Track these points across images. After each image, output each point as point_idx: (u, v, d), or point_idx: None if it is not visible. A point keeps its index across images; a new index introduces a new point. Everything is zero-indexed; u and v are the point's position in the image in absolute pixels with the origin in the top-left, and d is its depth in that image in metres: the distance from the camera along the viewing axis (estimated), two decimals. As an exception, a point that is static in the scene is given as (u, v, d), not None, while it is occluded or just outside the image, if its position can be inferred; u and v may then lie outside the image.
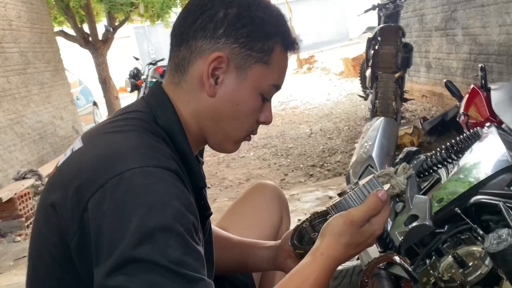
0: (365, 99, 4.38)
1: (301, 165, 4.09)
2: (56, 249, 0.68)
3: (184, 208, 0.65)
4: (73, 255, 0.66)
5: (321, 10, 20.61)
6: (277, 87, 0.82)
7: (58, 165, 0.77)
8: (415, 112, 4.95)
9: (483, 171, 1.08)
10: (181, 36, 0.79)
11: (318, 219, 1.05)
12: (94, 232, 0.62)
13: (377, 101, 3.66)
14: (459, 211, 0.93)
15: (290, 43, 0.82)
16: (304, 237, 1.00)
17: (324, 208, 1.04)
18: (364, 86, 4.39)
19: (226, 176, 4.20)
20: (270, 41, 0.78)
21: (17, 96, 4.75)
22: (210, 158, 4.94)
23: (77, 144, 0.77)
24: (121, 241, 0.60)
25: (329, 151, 4.35)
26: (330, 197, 3.02)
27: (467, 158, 1.20)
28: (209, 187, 3.94)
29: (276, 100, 8.38)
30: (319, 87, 9.16)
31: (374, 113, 3.74)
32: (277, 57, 0.79)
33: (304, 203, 3.02)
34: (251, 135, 0.86)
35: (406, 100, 4.33)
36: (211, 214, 0.89)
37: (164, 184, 0.65)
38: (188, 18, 0.78)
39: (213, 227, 1.03)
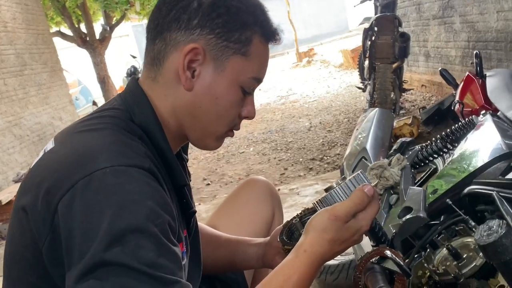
0: (364, 90, 4.35)
1: (301, 159, 4.06)
2: (28, 253, 0.66)
3: (158, 207, 0.63)
4: (45, 259, 0.64)
5: (320, 3, 20.49)
6: (257, 80, 0.79)
7: (31, 167, 0.75)
8: (415, 102, 4.91)
9: (477, 160, 1.06)
10: (155, 29, 0.76)
11: (308, 215, 1.03)
12: (64, 235, 0.60)
13: (375, 92, 3.62)
14: (450, 203, 0.90)
15: (270, 33, 0.79)
16: (294, 234, 0.98)
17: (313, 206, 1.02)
18: (362, 78, 4.35)
19: (226, 172, 4.19)
20: (248, 31, 0.75)
21: (15, 98, 4.74)
22: (210, 155, 4.93)
23: (50, 145, 0.74)
24: (92, 243, 0.58)
25: (328, 144, 4.32)
26: (330, 191, 2.99)
27: (462, 148, 1.17)
28: (209, 184, 3.93)
29: (276, 94, 8.36)
30: (318, 80, 9.12)
31: (372, 104, 3.71)
32: (256, 48, 0.76)
33: (303, 197, 3.00)
34: (234, 131, 0.83)
35: (405, 90, 4.29)
36: (195, 212, 0.86)
37: (136, 183, 0.62)
38: (162, 9, 0.75)
39: (201, 225, 1.01)
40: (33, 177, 0.70)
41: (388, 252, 0.89)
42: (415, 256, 1.03)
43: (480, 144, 1.14)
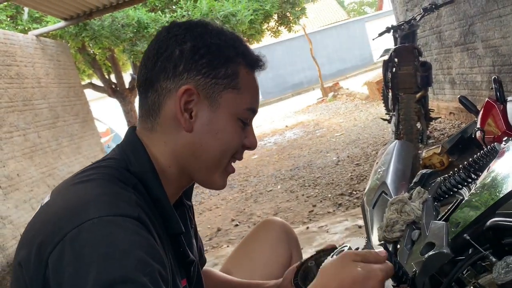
0: (389, 122, 4.28)
1: (329, 195, 3.99)
2: None
3: (147, 256, 0.62)
4: None
5: (342, 37, 20.73)
6: (252, 110, 0.81)
7: (30, 222, 0.76)
8: (444, 131, 4.79)
9: (500, 190, 1.00)
10: (145, 83, 0.78)
11: (324, 256, 1.01)
12: None
13: (400, 123, 3.56)
14: (468, 238, 0.85)
15: (253, 61, 0.81)
16: (308, 276, 0.94)
17: (330, 246, 0.99)
18: (387, 109, 4.30)
19: (254, 212, 4.15)
20: (232, 65, 0.77)
21: (48, 149, 4.92)
22: (238, 195, 4.92)
23: (46, 198, 0.76)
24: None
25: (357, 178, 4.24)
26: (360, 227, 2.91)
27: (484, 177, 1.12)
28: (237, 225, 3.89)
29: (302, 130, 8.36)
30: (345, 113, 9.08)
31: (398, 136, 3.64)
32: (244, 80, 0.78)
33: (332, 235, 2.93)
34: (236, 160, 0.84)
35: (432, 119, 4.21)
36: (193, 260, 0.84)
37: (124, 233, 0.62)
38: (148, 64, 0.78)
39: (212, 271, 0.99)
40: (28, 232, 0.71)
41: (408, 294, 0.84)
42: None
43: (503, 172, 1.09)
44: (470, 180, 1.32)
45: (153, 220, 0.70)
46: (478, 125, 1.55)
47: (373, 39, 4.42)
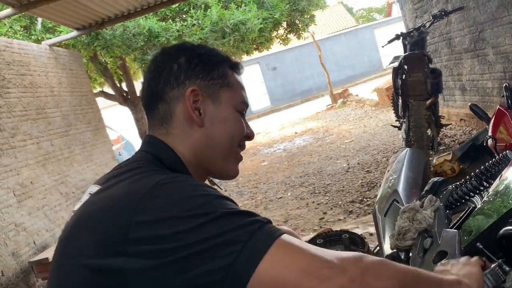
0: (399, 128, 4.27)
1: (340, 202, 3.99)
2: None
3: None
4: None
5: (351, 44, 20.73)
6: (245, 103, 0.94)
7: (75, 212, 0.79)
8: (455, 137, 4.76)
9: (512, 199, 1.01)
10: (153, 99, 0.89)
11: (333, 237, 1.04)
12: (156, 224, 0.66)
13: (411, 130, 3.55)
14: (481, 247, 0.86)
15: (235, 65, 0.95)
16: None
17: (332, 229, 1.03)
18: (397, 116, 4.29)
19: (264, 219, 4.15)
20: (221, 67, 0.91)
21: (61, 157, 4.98)
22: (248, 202, 4.93)
23: (94, 188, 0.81)
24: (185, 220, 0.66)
25: (367, 185, 4.23)
26: (371, 234, 2.91)
27: (496, 185, 1.12)
28: (248, 232, 3.89)
29: (312, 137, 8.36)
30: (354, 120, 9.06)
31: (408, 142, 3.63)
32: (232, 79, 0.92)
33: (343, 242, 2.92)
34: (241, 151, 0.96)
35: (442, 126, 4.19)
36: None
37: (192, 179, 0.77)
38: (151, 83, 0.90)
39: None
40: (80, 223, 0.74)
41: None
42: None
43: (515, 180, 1.09)
44: (482, 188, 1.32)
45: None
46: (490, 133, 1.55)
47: (382, 47, 4.42)
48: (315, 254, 0.65)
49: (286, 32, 9.24)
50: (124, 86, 8.94)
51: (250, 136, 0.96)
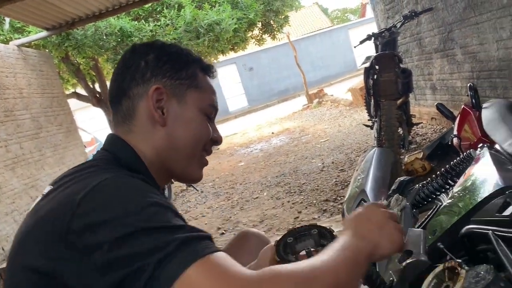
0: (372, 128, 4.33)
1: (315, 201, 4.01)
2: None
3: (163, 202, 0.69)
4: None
5: (326, 44, 20.92)
6: (214, 107, 0.92)
7: (29, 214, 0.77)
8: (426, 136, 4.86)
9: (475, 197, 1.03)
10: (118, 95, 0.87)
11: (302, 233, 1.05)
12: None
13: (382, 129, 3.61)
14: (442, 246, 0.87)
15: (207, 67, 0.93)
16: (287, 251, 0.96)
17: (304, 225, 1.04)
18: (369, 115, 4.35)
19: (240, 220, 4.14)
20: (191, 68, 0.89)
21: (31, 160, 4.85)
22: (224, 203, 4.91)
23: (47, 189, 0.79)
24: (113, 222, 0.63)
25: (341, 184, 4.27)
26: (344, 233, 2.93)
27: (460, 184, 1.14)
28: (223, 233, 3.88)
29: (288, 137, 8.39)
30: (329, 119, 9.15)
31: (380, 141, 3.68)
32: (202, 81, 0.90)
33: (317, 241, 2.94)
34: (207, 155, 0.93)
35: (413, 124, 4.26)
36: None
37: (141, 183, 0.72)
38: (117, 79, 0.88)
39: None
40: (29, 223, 0.72)
41: (384, 302, 0.85)
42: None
43: (478, 179, 1.12)
44: (447, 186, 1.35)
45: None
46: (455, 132, 1.58)
47: (355, 47, 4.48)
48: (240, 277, 0.61)
49: (261, 32, 9.25)
50: (97, 87, 8.77)
51: (217, 140, 0.94)
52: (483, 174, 1.11)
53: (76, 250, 0.63)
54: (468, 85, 1.54)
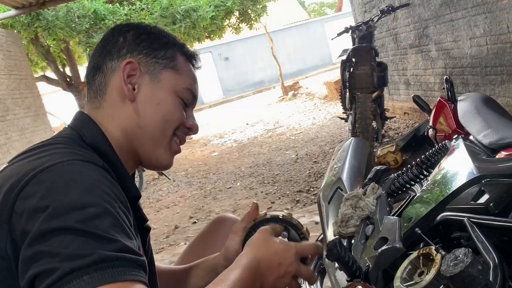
0: (346, 120, 4.37)
1: (288, 192, 4.03)
2: None
3: (113, 194, 0.66)
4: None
5: (303, 37, 20.98)
6: (192, 92, 0.88)
7: None
8: (398, 130, 4.94)
9: (450, 186, 1.03)
10: (92, 70, 0.85)
11: (263, 223, 1.07)
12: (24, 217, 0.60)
13: (357, 121, 3.64)
14: (419, 232, 0.87)
15: (189, 54, 0.90)
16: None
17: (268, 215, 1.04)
18: (344, 108, 4.38)
19: (212, 209, 4.12)
20: (170, 50, 0.86)
21: (-4, 144, 4.68)
22: (197, 192, 4.87)
23: (3, 167, 0.76)
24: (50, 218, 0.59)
25: (315, 175, 4.30)
26: (316, 223, 2.95)
27: (435, 174, 1.15)
28: (195, 222, 3.85)
29: (263, 128, 8.39)
30: (304, 112, 9.20)
31: (354, 134, 3.72)
32: (182, 64, 0.87)
33: (290, 231, 2.95)
34: (179, 144, 0.89)
35: (387, 118, 4.32)
36: (150, 228, 0.89)
37: (93, 171, 0.66)
38: (95, 54, 0.86)
39: (156, 264, 0.98)
40: None
41: (360, 288, 0.85)
42: (394, 288, 0.99)
43: (453, 169, 1.13)
44: (422, 176, 1.36)
45: (115, 181, 0.72)
46: (431, 124, 1.60)
47: (332, 39, 4.49)
48: None
49: (238, 21, 9.18)
50: (67, 71, 8.52)
51: (192, 129, 0.90)
52: (458, 164, 1.12)
53: (15, 234, 0.60)
54: (445, 78, 1.57)
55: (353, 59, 3.81)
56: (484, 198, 0.93)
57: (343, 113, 4.49)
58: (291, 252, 0.79)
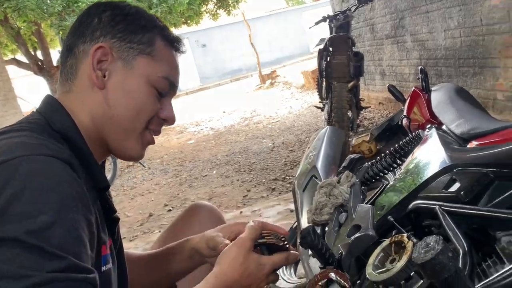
0: (322, 110, 4.40)
1: (264, 180, 4.03)
2: None
3: (75, 196, 0.62)
4: None
5: (281, 26, 20.92)
6: (169, 81, 0.82)
7: None
8: (373, 120, 5.00)
9: (422, 175, 1.05)
10: (65, 52, 0.81)
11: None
12: None
13: (332, 111, 3.66)
14: (392, 219, 0.88)
15: (170, 38, 0.84)
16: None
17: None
18: (321, 97, 4.40)
19: (188, 197, 4.09)
20: (149, 33, 0.80)
21: (-38, 128, 4.51)
22: (172, 180, 4.83)
23: None
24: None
25: (291, 164, 4.32)
26: (291, 211, 2.97)
27: (408, 162, 1.17)
28: (170, 210, 3.82)
29: (240, 116, 8.36)
30: (281, 101, 9.21)
31: (330, 123, 3.75)
32: (161, 50, 0.81)
33: (265, 219, 2.96)
34: (154, 135, 0.84)
35: (362, 108, 4.37)
36: (118, 218, 0.85)
37: (53, 170, 0.61)
38: (69, 35, 0.82)
39: (128, 251, 0.96)
40: None
41: (332, 275, 0.85)
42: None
43: (425, 158, 1.14)
44: (395, 165, 1.37)
45: (80, 173, 0.68)
46: (405, 113, 1.62)
47: (309, 28, 4.49)
48: None
49: (216, 7, 9.06)
50: (39, 54, 8.26)
51: (167, 119, 0.84)
52: (431, 153, 1.14)
53: None
54: (419, 68, 1.58)
55: (330, 49, 3.82)
56: (456, 186, 0.94)
57: (320, 102, 4.52)
58: (264, 272, 0.80)
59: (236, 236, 0.87)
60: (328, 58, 3.83)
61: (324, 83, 4.07)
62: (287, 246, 0.87)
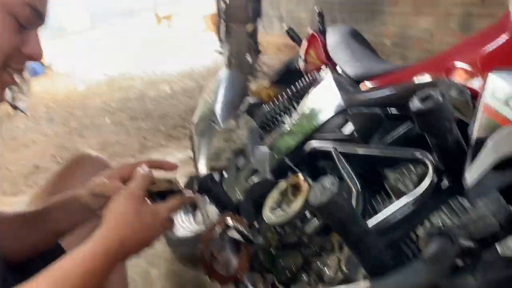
0: (222, 54, 4.30)
1: (162, 127, 3.91)
2: None
3: None
4: None
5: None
6: (32, 8, 0.66)
7: None
8: (273, 67, 5.04)
9: (318, 117, 1.05)
10: None
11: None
12: None
13: (232, 55, 3.60)
14: (288, 161, 0.87)
15: None
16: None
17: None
18: (220, 41, 4.29)
19: (78, 147, 3.82)
20: None
21: None
22: (60, 129, 4.46)
23: None
24: None
25: (191, 111, 4.21)
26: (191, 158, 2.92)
27: (304, 105, 1.16)
28: (59, 162, 3.55)
29: (135, 62, 7.90)
30: (182, 45, 8.87)
31: (230, 67, 3.69)
32: None
33: (164, 167, 2.88)
34: (16, 74, 0.70)
35: (260, 52, 4.35)
36: None
37: None
38: None
39: (1, 210, 0.84)
40: None
41: (230, 221, 0.83)
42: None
43: (321, 100, 1.14)
44: (292, 108, 1.37)
45: None
46: (302, 56, 1.62)
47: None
48: None
49: None
50: None
51: (31, 56, 0.70)
52: (325, 96, 1.14)
53: None
54: (317, 11, 1.57)
55: (228, -11, 3.68)
56: (348, 128, 0.96)
57: (220, 46, 4.40)
58: (159, 220, 0.73)
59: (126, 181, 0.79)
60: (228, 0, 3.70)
61: (223, 25, 3.95)
62: (179, 189, 0.80)
